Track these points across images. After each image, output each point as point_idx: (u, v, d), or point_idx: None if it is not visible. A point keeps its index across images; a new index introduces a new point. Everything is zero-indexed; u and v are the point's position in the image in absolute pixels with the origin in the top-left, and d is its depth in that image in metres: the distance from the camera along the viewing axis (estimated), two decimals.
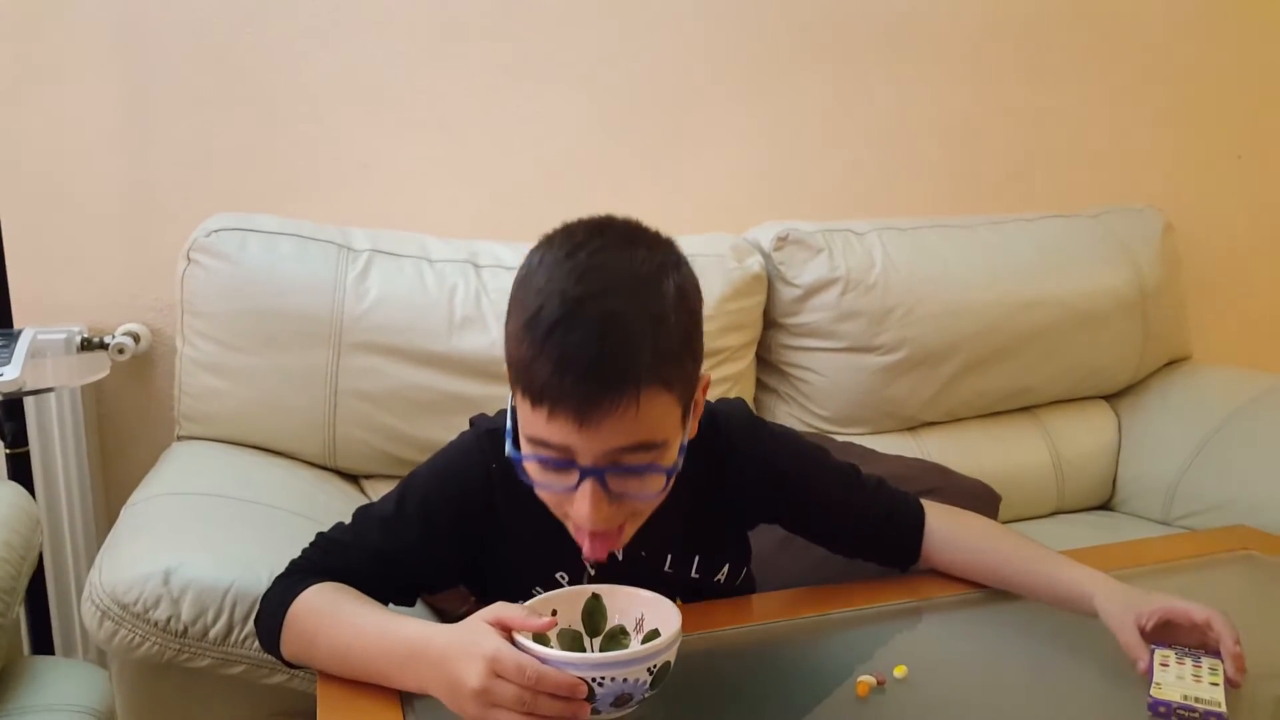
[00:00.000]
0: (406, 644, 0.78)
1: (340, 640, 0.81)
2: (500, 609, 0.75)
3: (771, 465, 0.97)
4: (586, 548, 0.80)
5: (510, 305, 0.81)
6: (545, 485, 0.79)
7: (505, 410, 0.85)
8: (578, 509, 0.77)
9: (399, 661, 0.78)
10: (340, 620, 0.82)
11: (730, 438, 0.94)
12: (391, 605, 0.89)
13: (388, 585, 0.89)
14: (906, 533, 1.02)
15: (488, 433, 0.91)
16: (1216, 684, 0.81)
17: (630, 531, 0.83)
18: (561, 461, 0.76)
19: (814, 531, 1.03)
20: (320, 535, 0.91)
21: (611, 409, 0.73)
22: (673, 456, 0.79)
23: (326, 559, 0.88)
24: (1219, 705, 0.78)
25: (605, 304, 0.74)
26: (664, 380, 0.75)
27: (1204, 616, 0.85)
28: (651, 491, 0.79)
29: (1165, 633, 0.86)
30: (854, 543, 1.03)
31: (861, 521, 1.01)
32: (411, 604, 0.94)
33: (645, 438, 0.76)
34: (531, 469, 0.79)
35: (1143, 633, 0.85)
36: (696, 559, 0.95)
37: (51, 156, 1.51)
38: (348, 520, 0.92)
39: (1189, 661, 0.83)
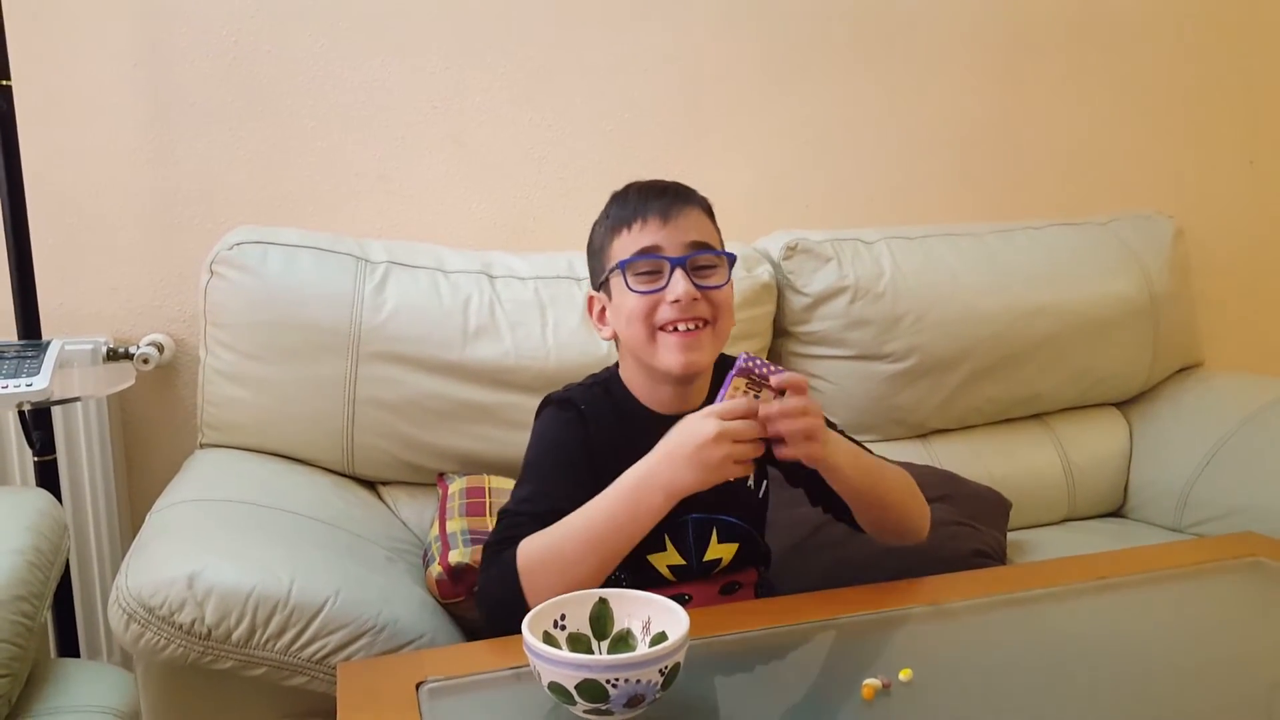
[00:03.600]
0: (633, 479, 0.93)
1: (583, 535, 0.93)
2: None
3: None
4: (678, 357, 1.00)
5: (593, 234, 1.10)
6: (642, 290, 1.01)
7: (570, 385, 1.11)
8: (671, 291, 0.99)
9: (636, 491, 0.93)
10: (569, 528, 0.93)
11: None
12: None
13: None
14: None
15: (569, 389, 1.10)
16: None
17: (708, 349, 1.02)
18: (654, 258, 1.01)
19: (794, 466, 1.07)
20: (489, 538, 1.00)
21: (684, 208, 1.03)
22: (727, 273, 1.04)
23: (505, 541, 0.96)
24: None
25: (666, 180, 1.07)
26: (711, 218, 1.07)
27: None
28: (721, 281, 1.02)
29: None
30: (821, 487, 1.06)
31: None
32: None
33: (709, 239, 1.03)
34: (633, 281, 1.01)
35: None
36: None
37: (78, 173, 1.55)
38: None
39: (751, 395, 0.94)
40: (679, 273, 1.00)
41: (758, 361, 0.94)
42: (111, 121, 1.55)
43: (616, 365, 1.13)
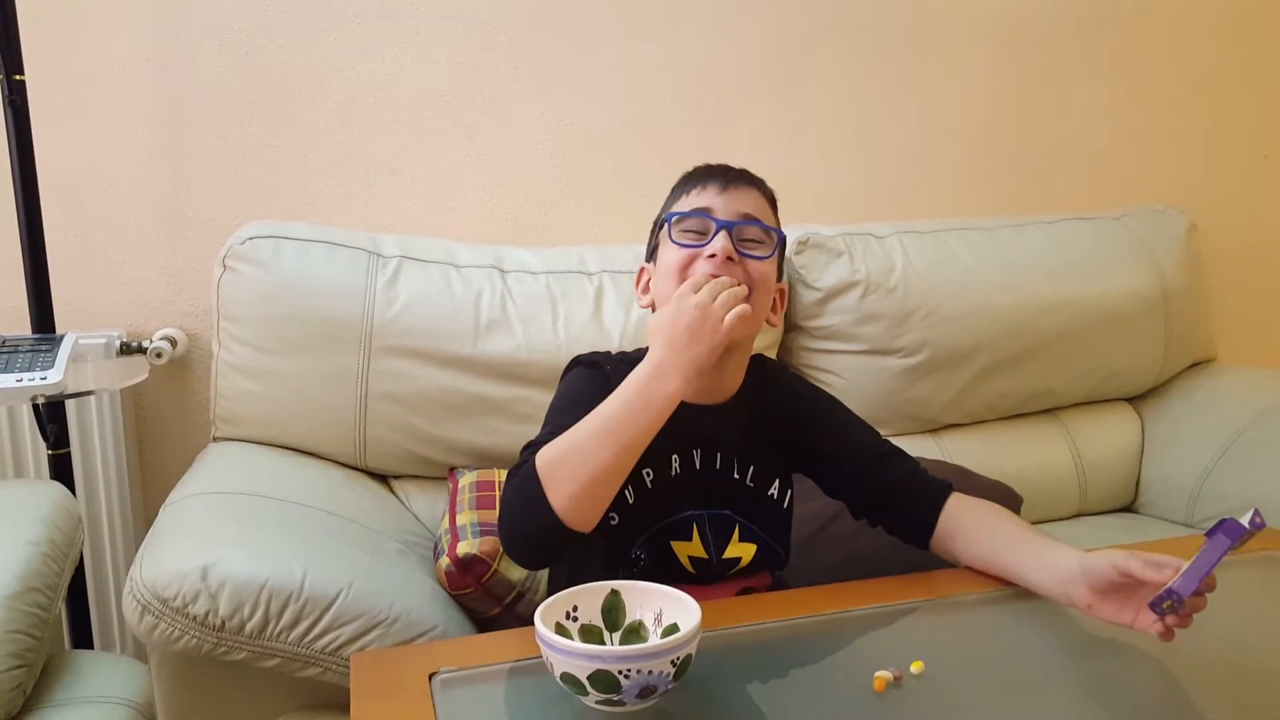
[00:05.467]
0: (644, 371, 0.92)
1: (600, 428, 0.90)
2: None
3: (805, 393, 1.16)
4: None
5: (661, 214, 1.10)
6: (686, 244, 1.02)
7: (602, 351, 1.13)
8: (710, 246, 1.00)
9: (651, 381, 0.91)
10: (586, 424, 0.91)
11: (775, 371, 1.17)
12: None
13: None
14: (924, 507, 1.06)
15: (595, 354, 1.11)
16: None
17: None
18: (703, 217, 1.02)
19: (835, 477, 1.11)
20: (511, 469, 0.97)
21: (742, 184, 1.05)
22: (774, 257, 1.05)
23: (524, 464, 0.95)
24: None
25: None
26: (772, 204, 1.09)
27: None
28: (764, 254, 1.02)
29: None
30: (871, 500, 1.09)
31: (882, 478, 1.08)
32: None
33: (761, 215, 1.04)
34: (677, 235, 1.03)
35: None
36: (751, 469, 1.07)
37: (91, 167, 1.56)
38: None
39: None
40: (722, 233, 1.00)
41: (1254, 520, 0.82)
42: (124, 116, 1.56)
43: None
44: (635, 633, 0.84)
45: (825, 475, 1.12)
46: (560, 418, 0.99)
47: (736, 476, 1.07)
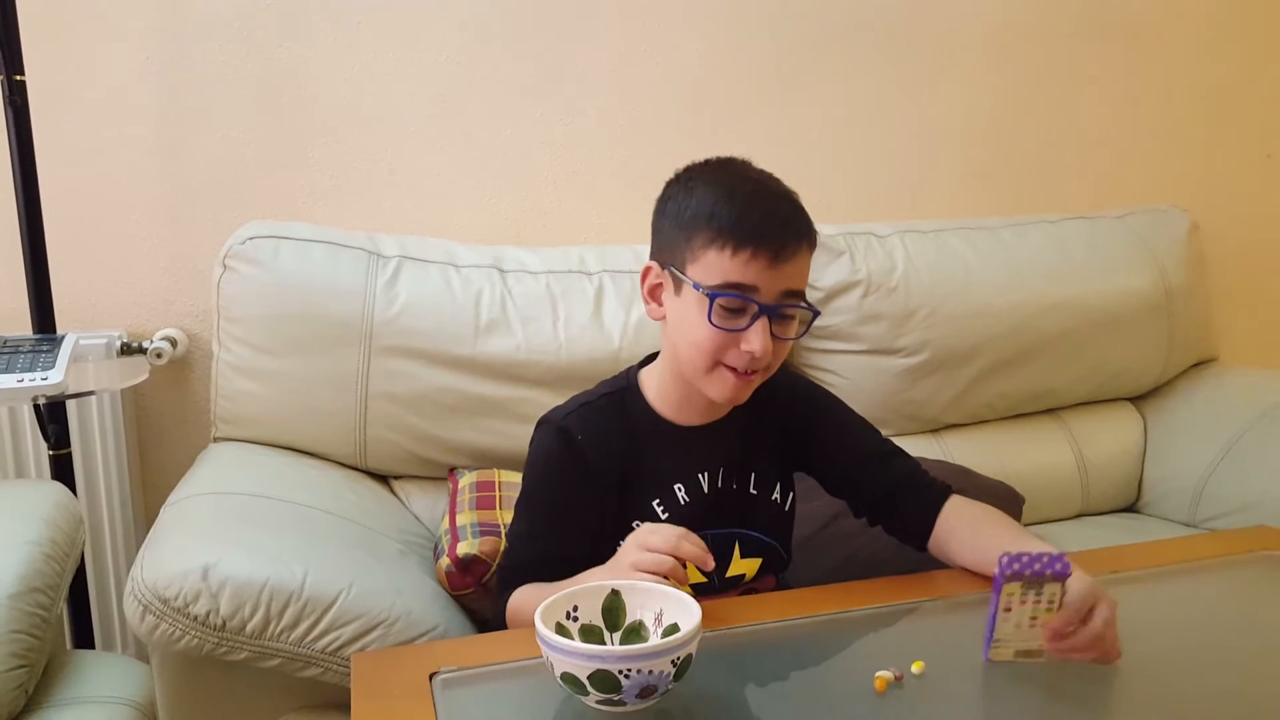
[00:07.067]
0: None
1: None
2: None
3: (805, 391, 1.14)
4: (727, 394, 0.98)
5: (667, 215, 1.01)
6: (722, 327, 0.95)
7: (578, 396, 1.08)
8: (750, 342, 0.94)
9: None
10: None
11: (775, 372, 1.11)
12: None
13: (559, 574, 0.97)
14: (922, 509, 1.07)
15: (571, 409, 1.05)
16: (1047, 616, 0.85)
17: (756, 388, 1.00)
18: (744, 300, 0.94)
19: (835, 476, 1.11)
20: (499, 562, 1.06)
21: (796, 251, 0.95)
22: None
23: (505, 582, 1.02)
24: (1041, 654, 0.85)
25: (782, 188, 0.99)
26: (812, 252, 0.99)
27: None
28: (797, 333, 0.99)
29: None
30: (871, 500, 1.10)
31: (882, 479, 1.09)
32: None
33: (802, 287, 0.98)
34: (717, 315, 0.95)
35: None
36: (753, 475, 1.07)
37: (91, 167, 1.56)
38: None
39: (1030, 597, 0.85)
40: (762, 323, 0.94)
41: (1023, 560, 0.83)
42: (124, 116, 1.56)
43: (640, 365, 1.09)
44: (635, 633, 0.84)
45: (825, 473, 1.12)
46: (534, 520, 1.03)
47: (736, 487, 1.07)
